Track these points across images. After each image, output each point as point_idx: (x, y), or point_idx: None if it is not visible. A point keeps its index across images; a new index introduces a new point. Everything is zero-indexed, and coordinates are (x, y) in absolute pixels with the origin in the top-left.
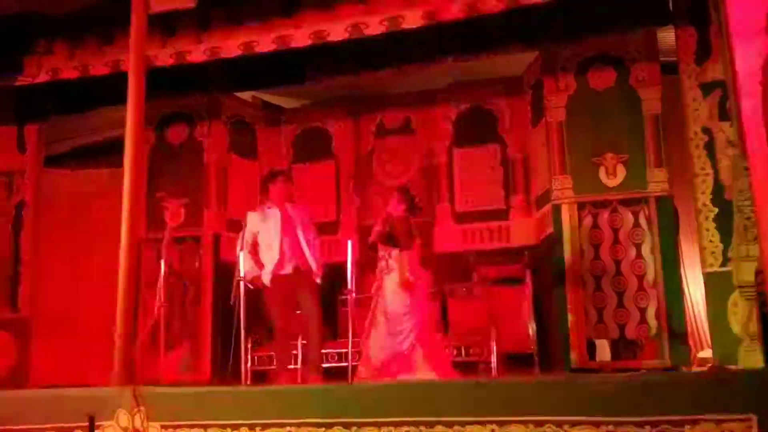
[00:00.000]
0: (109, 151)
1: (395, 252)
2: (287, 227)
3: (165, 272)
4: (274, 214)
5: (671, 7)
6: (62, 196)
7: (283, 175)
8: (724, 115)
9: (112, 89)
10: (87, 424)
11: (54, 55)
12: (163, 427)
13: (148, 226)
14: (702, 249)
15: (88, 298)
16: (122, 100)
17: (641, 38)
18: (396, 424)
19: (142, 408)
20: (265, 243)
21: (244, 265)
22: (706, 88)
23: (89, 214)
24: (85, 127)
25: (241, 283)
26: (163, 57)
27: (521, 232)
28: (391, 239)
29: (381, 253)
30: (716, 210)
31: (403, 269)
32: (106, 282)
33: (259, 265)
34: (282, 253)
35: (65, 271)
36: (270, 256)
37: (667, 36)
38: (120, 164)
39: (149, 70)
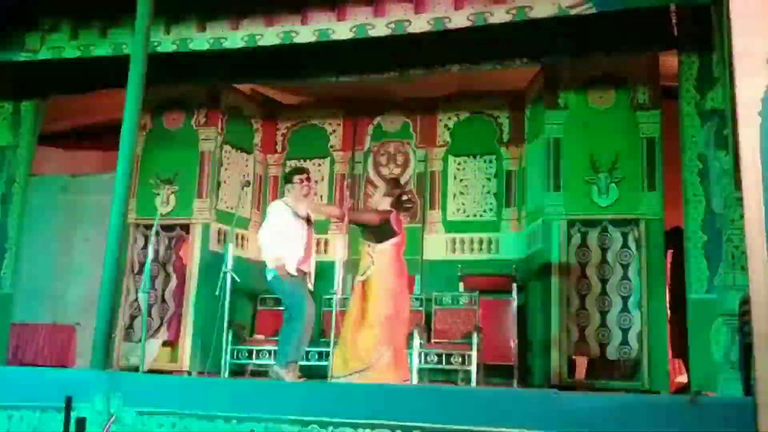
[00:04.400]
0: (104, 134)
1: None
2: (308, 226)
3: (151, 259)
4: (301, 210)
5: (676, 33)
6: (55, 174)
7: (307, 173)
8: (720, 143)
9: (112, 72)
10: (63, 405)
11: (58, 33)
12: (138, 413)
13: (137, 211)
14: (689, 275)
15: (73, 279)
16: (122, 83)
17: (644, 61)
18: (373, 426)
19: (118, 393)
20: (289, 235)
21: (269, 250)
22: (705, 116)
23: (80, 195)
24: (83, 108)
25: (228, 275)
26: (166, 43)
27: (511, 244)
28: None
29: None
30: (705, 237)
31: None
32: (92, 264)
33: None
34: (308, 248)
35: (51, 250)
36: (292, 248)
37: (669, 60)
38: (114, 147)
39: (151, 55)
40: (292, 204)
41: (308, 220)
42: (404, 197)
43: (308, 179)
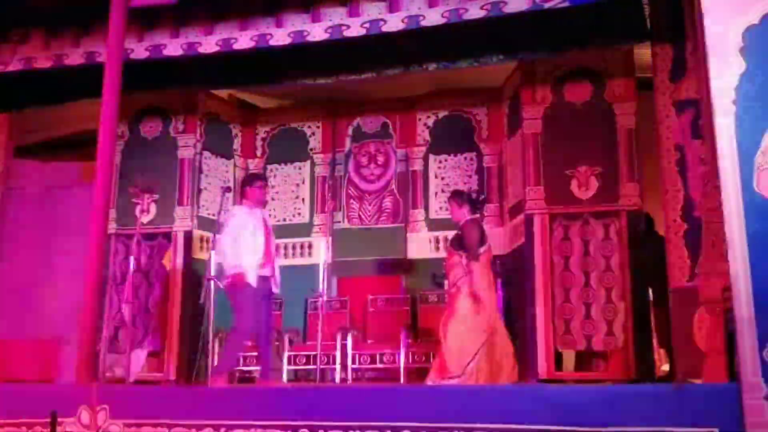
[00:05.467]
0: (82, 144)
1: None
2: (266, 231)
3: (133, 269)
4: (257, 215)
5: (649, 24)
6: (31, 187)
7: (264, 179)
8: (696, 132)
9: (86, 81)
10: (49, 420)
11: (29, 43)
12: (126, 425)
13: (117, 221)
14: (670, 264)
15: (54, 292)
16: (97, 92)
17: (618, 53)
18: (362, 428)
19: (105, 406)
20: (247, 242)
21: (228, 258)
22: (680, 106)
23: (58, 207)
24: (58, 119)
25: (212, 283)
26: (139, 50)
27: (494, 241)
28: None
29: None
30: (685, 226)
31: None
32: (72, 276)
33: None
34: (267, 254)
35: (31, 264)
36: (250, 255)
37: (643, 52)
38: (92, 157)
39: (125, 63)
40: (249, 209)
41: (266, 225)
42: (474, 195)
43: (266, 186)
